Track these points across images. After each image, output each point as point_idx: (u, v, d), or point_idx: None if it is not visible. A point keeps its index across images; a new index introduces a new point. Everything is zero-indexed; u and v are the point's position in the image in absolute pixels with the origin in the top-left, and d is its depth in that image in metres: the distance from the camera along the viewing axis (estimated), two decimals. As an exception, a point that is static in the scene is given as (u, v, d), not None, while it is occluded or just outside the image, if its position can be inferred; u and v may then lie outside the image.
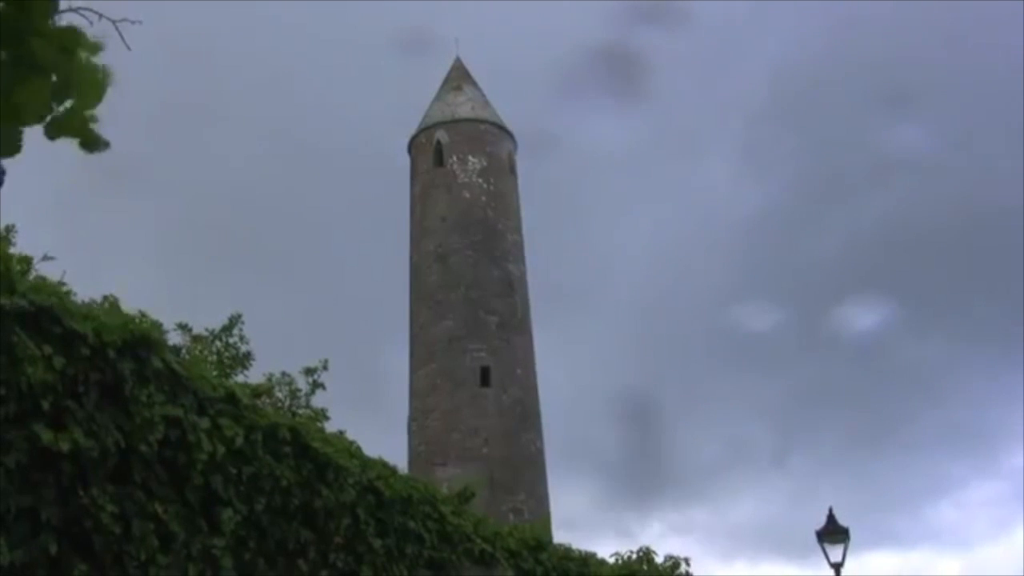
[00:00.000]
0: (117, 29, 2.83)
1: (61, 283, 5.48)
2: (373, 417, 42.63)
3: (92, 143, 2.41)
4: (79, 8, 2.57)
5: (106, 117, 2.43)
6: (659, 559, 12.85)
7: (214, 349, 21.27)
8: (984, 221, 69.27)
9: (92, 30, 2.63)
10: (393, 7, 71.25)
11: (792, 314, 73.18)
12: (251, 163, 74.35)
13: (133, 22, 2.85)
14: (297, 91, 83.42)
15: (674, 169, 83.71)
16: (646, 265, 75.83)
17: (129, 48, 2.80)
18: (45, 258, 12.99)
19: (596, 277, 76.07)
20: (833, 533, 19.10)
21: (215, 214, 68.11)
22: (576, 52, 75.48)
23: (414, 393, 38.98)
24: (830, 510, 19.28)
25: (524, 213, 42.62)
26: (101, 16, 2.70)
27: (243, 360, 21.51)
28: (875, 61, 74.91)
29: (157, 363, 5.61)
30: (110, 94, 2.43)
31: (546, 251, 63.64)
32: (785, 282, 76.12)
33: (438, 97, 42.90)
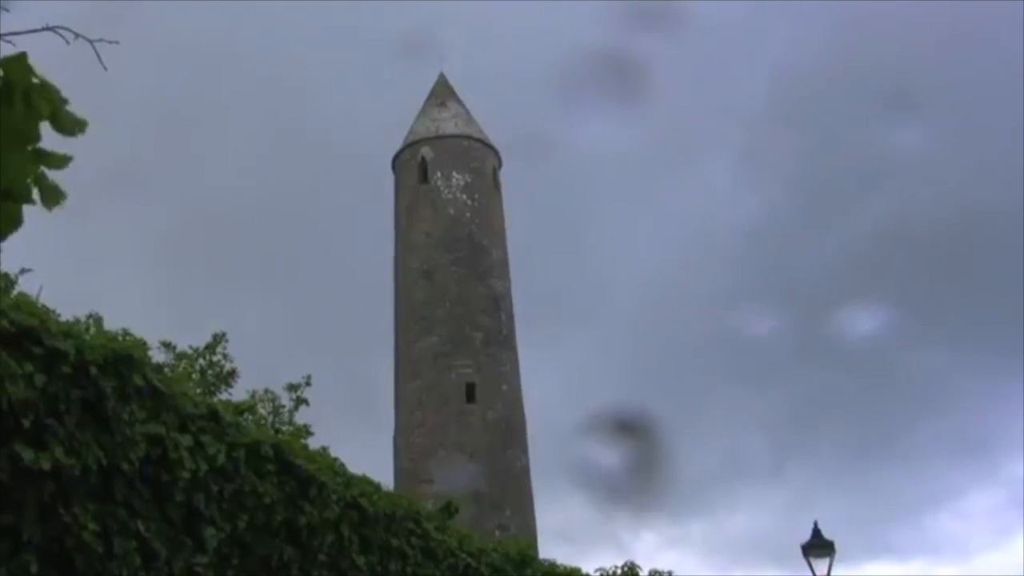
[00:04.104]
0: (94, 48, 2.84)
1: (40, 301, 5.47)
2: (359, 433, 42.56)
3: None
4: (56, 28, 2.58)
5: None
6: (644, 573, 12.85)
7: (198, 367, 21.25)
8: (984, 225, 69.16)
9: (69, 49, 2.65)
10: (387, 10, 71.26)
11: (790, 321, 72.91)
12: (237, 175, 74.26)
13: (110, 42, 2.86)
14: (282, 103, 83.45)
15: (671, 175, 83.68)
16: (643, 273, 75.70)
17: (106, 68, 2.81)
18: (23, 271, 13.01)
19: (592, 287, 76.07)
20: (818, 547, 19.21)
21: (202, 226, 68.00)
22: (572, 56, 75.34)
23: (400, 409, 38.96)
24: (815, 524, 19.41)
25: (516, 223, 42.83)
26: (78, 35, 2.72)
27: (227, 378, 21.51)
28: (875, 63, 74.75)
29: (139, 381, 5.60)
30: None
31: (540, 262, 63.59)
32: (783, 289, 75.90)
33: (423, 113, 43.00)
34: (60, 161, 2.44)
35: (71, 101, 2.39)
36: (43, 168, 2.42)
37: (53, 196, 2.46)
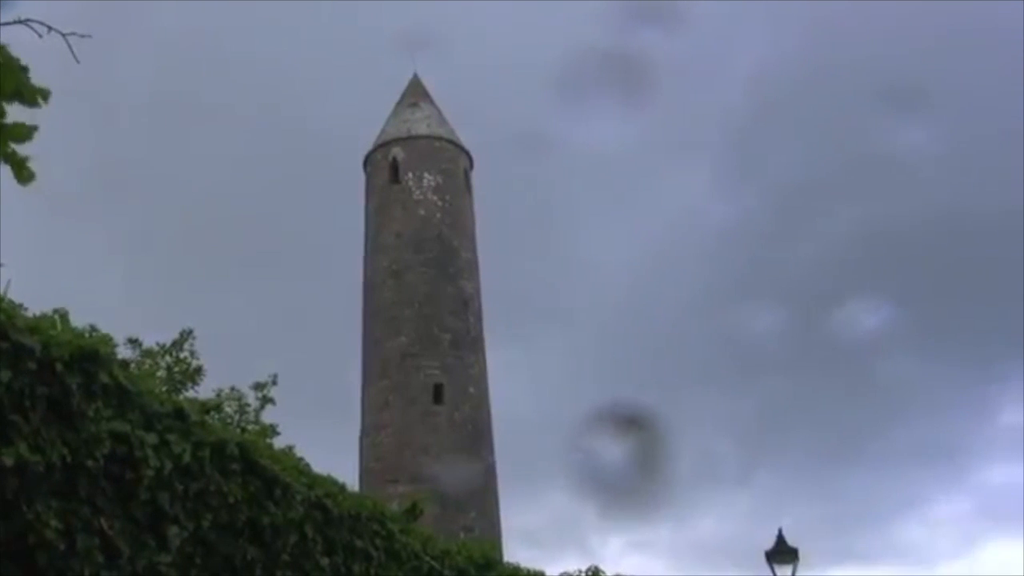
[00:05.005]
0: (67, 42, 2.83)
1: (9, 297, 5.43)
2: (326, 432, 42.42)
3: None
4: (27, 21, 2.57)
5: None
6: (608, 577, 12.86)
7: (164, 364, 21.14)
8: (968, 230, 69.14)
9: (41, 43, 2.64)
10: (365, 10, 71.01)
11: (764, 325, 72.86)
12: (208, 172, 73.80)
13: (82, 35, 2.85)
14: (256, 100, 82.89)
15: (648, 175, 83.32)
16: (615, 275, 75.36)
17: (78, 61, 2.80)
18: None
19: (564, 288, 75.92)
20: (782, 553, 19.37)
21: (172, 222, 67.68)
22: (550, 57, 75.40)
23: (366, 409, 38.89)
24: (779, 531, 19.56)
25: (489, 224, 42.89)
26: (51, 29, 2.70)
27: (193, 375, 21.41)
28: (868, 61, 74.38)
29: (105, 377, 5.56)
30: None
31: (512, 264, 63.47)
32: (758, 292, 76.01)
33: (394, 114, 42.96)
34: (25, 132, 2.39)
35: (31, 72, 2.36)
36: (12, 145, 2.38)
37: (25, 172, 2.42)
